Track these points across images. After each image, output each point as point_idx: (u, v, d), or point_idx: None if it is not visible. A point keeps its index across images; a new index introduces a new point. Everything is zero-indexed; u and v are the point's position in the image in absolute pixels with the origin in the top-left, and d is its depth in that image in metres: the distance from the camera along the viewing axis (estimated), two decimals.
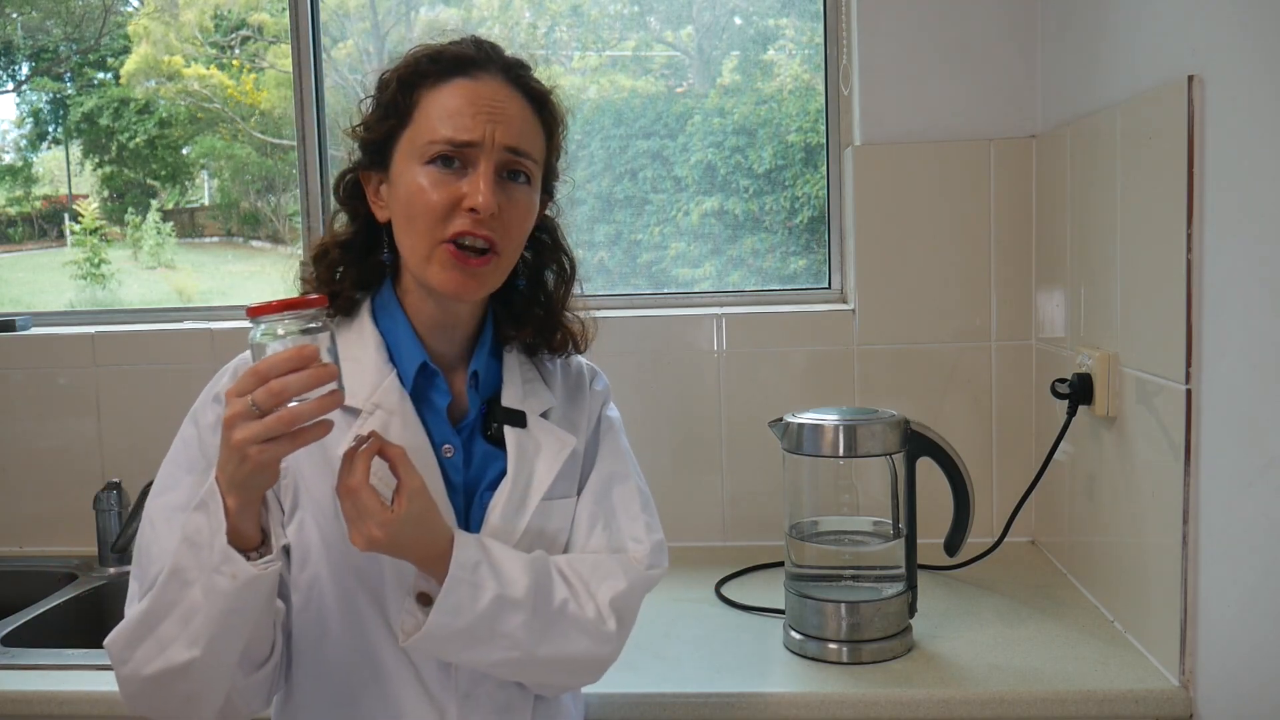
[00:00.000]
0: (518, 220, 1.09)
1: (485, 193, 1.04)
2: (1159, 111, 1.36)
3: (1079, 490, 1.72)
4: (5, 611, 1.78)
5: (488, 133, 1.05)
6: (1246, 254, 1.18)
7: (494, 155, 1.06)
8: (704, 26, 2.34)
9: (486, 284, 1.09)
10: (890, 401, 1.95)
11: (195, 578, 0.95)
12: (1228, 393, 1.22)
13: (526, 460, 1.13)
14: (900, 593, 1.52)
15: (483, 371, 1.15)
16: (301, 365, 0.90)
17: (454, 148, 1.05)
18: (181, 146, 2.74)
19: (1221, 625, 1.26)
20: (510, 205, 1.07)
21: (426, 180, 1.05)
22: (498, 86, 1.08)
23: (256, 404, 0.89)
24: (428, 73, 1.09)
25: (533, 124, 1.11)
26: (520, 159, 1.08)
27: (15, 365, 2.16)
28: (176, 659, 0.97)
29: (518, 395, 1.16)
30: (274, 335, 0.93)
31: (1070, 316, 1.76)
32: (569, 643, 1.08)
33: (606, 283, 2.27)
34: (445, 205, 1.05)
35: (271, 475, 0.95)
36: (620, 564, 1.14)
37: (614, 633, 1.11)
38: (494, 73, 1.09)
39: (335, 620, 1.09)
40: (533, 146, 1.10)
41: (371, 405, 1.09)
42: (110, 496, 2.01)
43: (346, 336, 1.14)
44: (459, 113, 1.06)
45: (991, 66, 1.95)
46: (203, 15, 2.57)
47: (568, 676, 1.14)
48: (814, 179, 2.22)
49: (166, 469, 1.10)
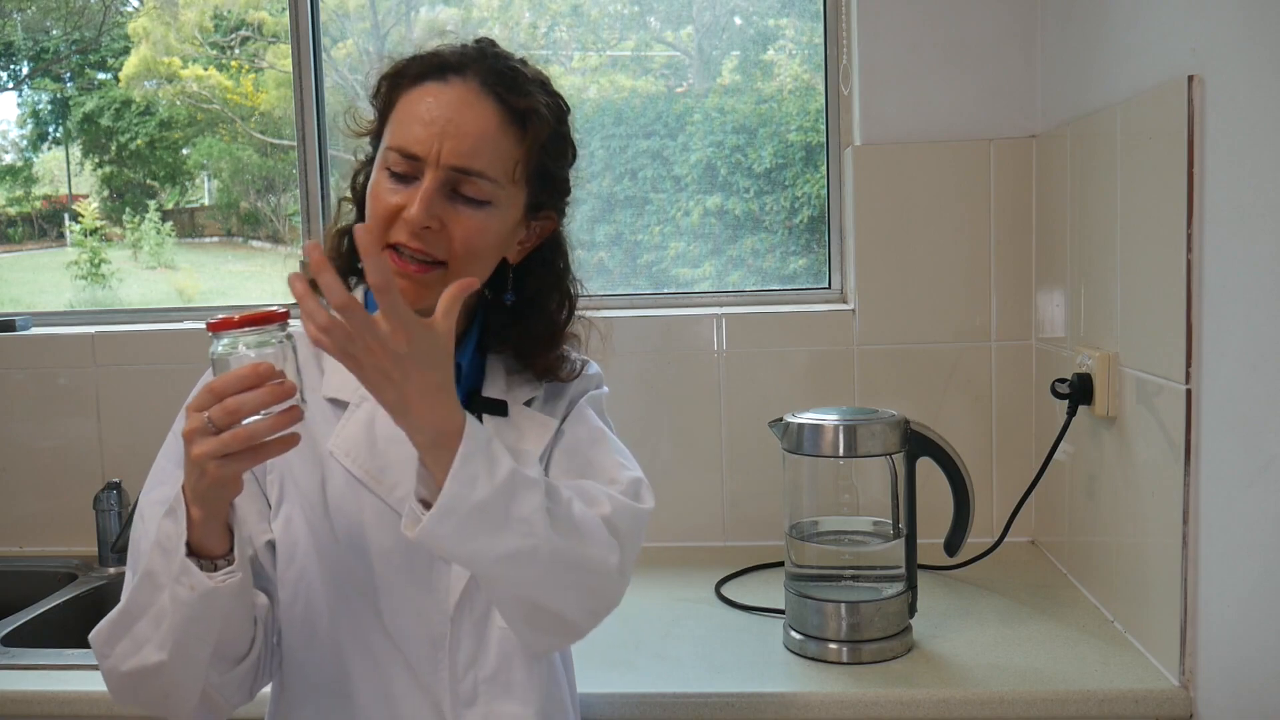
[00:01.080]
0: (464, 236, 1.03)
1: (417, 208, 1.00)
2: (1159, 111, 1.36)
3: (1079, 490, 1.72)
4: (5, 611, 1.78)
5: (434, 149, 1.01)
6: (1246, 254, 1.18)
7: (438, 172, 1.01)
8: (704, 26, 2.34)
9: (433, 294, 1.00)
10: (890, 401, 1.95)
11: (164, 583, 0.96)
12: (1228, 393, 1.22)
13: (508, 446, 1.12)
14: (900, 593, 1.52)
15: (466, 365, 1.14)
16: (258, 383, 0.88)
17: (402, 157, 1.03)
18: (182, 147, 2.75)
19: (1221, 625, 1.26)
20: (456, 220, 1.03)
21: (381, 185, 1.04)
22: (465, 95, 1.04)
23: (212, 421, 0.88)
24: (408, 74, 1.07)
25: (497, 138, 1.04)
26: (469, 178, 1.02)
27: (15, 365, 2.16)
28: (149, 659, 0.98)
29: (500, 387, 1.15)
30: (233, 350, 0.92)
31: (1070, 316, 1.76)
32: (582, 541, 0.98)
33: (606, 283, 2.27)
34: (390, 212, 1.03)
35: (234, 488, 0.94)
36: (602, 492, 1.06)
37: (613, 543, 1.01)
38: (469, 79, 1.05)
39: (325, 614, 1.09)
40: (489, 164, 1.03)
41: (359, 397, 1.09)
42: (110, 496, 2.01)
43: None
44: (416, 120, 1.03)
45: (991, 66, 1.95)
46: (202, 15, 2.57)
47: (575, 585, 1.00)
48: (814, 179, 2.22)
49: (159, 463, 1.10)
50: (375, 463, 1.07)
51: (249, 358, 0.91)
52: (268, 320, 0.92)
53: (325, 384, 1.11)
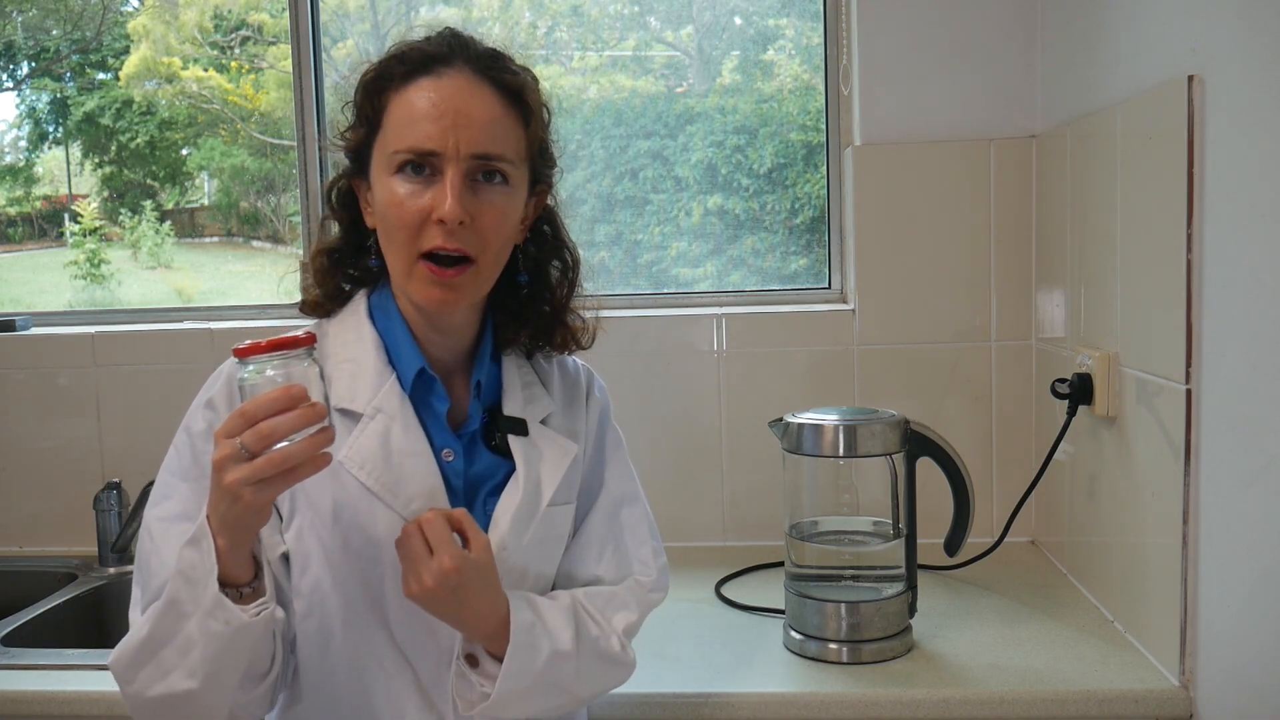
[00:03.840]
0: (493, 224, 1.04)
1: (452, 203, 1.00)
2: (1159, 111, 1.36)
3: (1079, 490, 1.72)
4: (5, 611, 1.78)
5: (451, 141, 1.01)
6: (1246, 254, 1.18)
7: (460, 164, 1.02)
8: (704, 26, 2.34)
9: (466, 295, 1.06)
10: (890, 401, 1.95)
11: (190, 612, 0.95)
12: (1228, 393, 1.22)
13: (533, 468, 1.13)
14: (900, 593, 1.52)
15: (485, 380, 1.14)
16: (289, 406, 0.89)
17: (418, 156, 1.02)
18: (182, 147, 2.75)
19: (1221, 625, 1.26)
20: (483, 210, 1.03)
21: (397, 192, 1.03)
22: (464, 84, 1.04)
23: (245, 446, 0.88)
24: (394, 74, 1.05)
25: (504, 120, 1.05)
26: (490, 162, 1.04)
27: (15, 365, 2.16)
28: (177, 686, 0.97)
29: (518, 403, 1.15)
30: (261, 375, 0.92)
31: (1070, 316, 1.76)
32: (603, 677, 1.15)
33: (607, 283, 2.27)
34: (417, 218, 1.02)
35: (265, 515, 0.94)
36: (630, 593, 1.18)
37: (632, 660, 1.17)
38: (460, 68, 1.05)
39: (338, 625, 1.08)
40: (505, 146, 1.05)
41: (373, 409, 1.08)
42: (110, 496, 2.01)
43: (344, 336, 1.13)
44: (422, 118, 1.02)
45: (991, 66, 1.95)
46: (203, 15, 2.57)
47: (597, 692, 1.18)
48: (814, 179, 2.22)
49: (162, 477, 1.10)
50: (390, 475, 1.06)
51: (277, 382, 0.91)
52: (294, 344, 0.93)
53: (334, 394, 1.09)
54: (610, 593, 1.17)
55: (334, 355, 1.12)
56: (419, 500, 1.06)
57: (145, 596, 1.03)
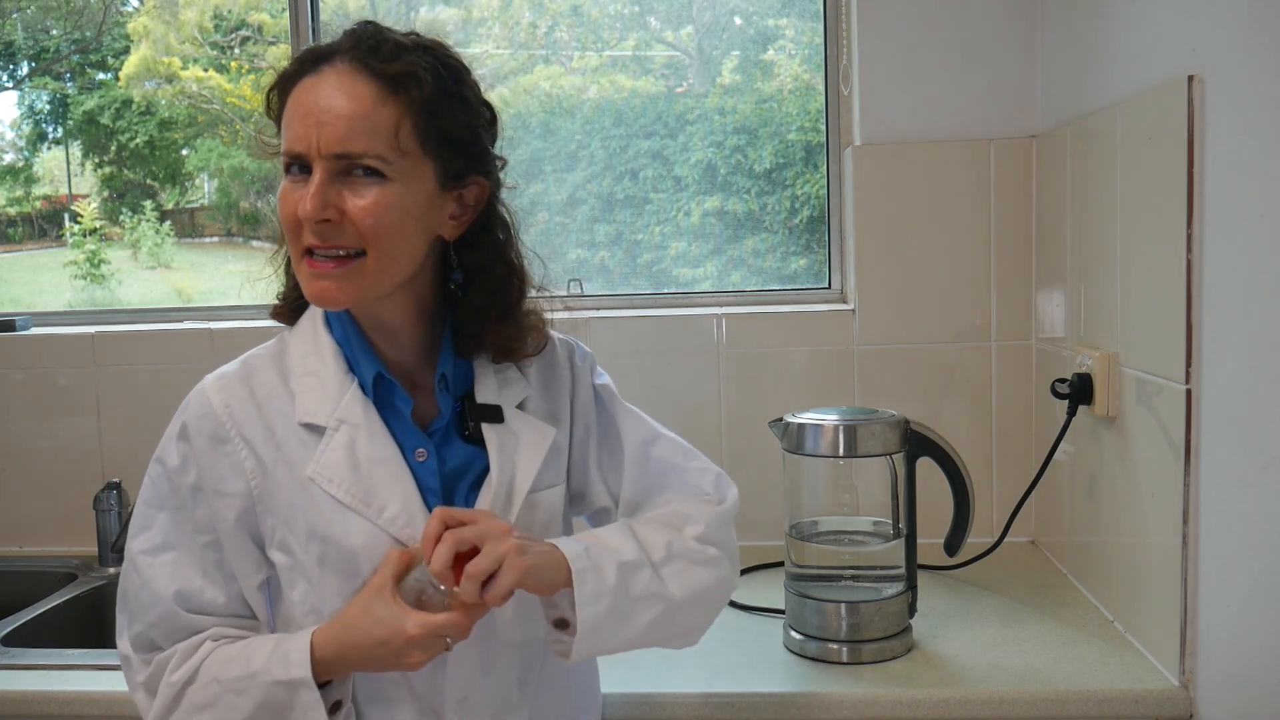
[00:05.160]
0: (367, 217, 1.00)
1: (305, 203, 1.00)
2: (1159, 111, 1.36)
3: (1079, 490, 1.72)
4: (5, 611, 1.78)
5: (313, 140, 1.00)
6: (1246, 254, 1.18)
7: (323, 163, 1.00)
8: (704, 26, 2.34)
9: (357, 287, 1.03)
10: (890, 401, 1.95)
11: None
12: (1228, 393, 1.22)
13: (508, 455, 1.11)
14: (900, 593, 1.52)
15: (450, 372, 1.12)
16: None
17: (291, 158, 1.03)
18: (181, 147, 2.74)
19: (1221, 625, 1.26)
20: (353, 204, 1.00)
21: (282, 193, 1.04)
22: (335, 79, 1.01)
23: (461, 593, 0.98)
24: (289, 75, 1.05)
25: (377, 113, 1.00)
26: (352, 160, 1.00)
27: (15, 365, 2.16)
28: None
29: (492, 389, 1.14)
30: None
31: (1070, 316, 1.76)
32: (695, 576, 1.12)
33: (606, 283, 2.27)
34: (294, 219, 1.02)
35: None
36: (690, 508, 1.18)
37: (719, 555, 1.15)
38: (338, 62, 1.02)
39: None
40: (372, 141, 1.00)
41: (335, 421, 1.07)
42: (110, 496, 2.01)
43: (303, 348, 1.11)
44: (294, 119, 1.02)
45: (991, 66, 1.95)
46: (202, 15, 2.57)
47: (705, 609, 1.16)
48: (814, 179, 2.22)
49: (140, 509, 1.10)
50: (360, 486, 1.05)
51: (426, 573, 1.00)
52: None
53: (298, 408, 1.08)
54: (668, 513, 1.17)
55: (296, 369, 1.10)
56: (393, 507, 1.06)
57: (133, 627, 1.07)
